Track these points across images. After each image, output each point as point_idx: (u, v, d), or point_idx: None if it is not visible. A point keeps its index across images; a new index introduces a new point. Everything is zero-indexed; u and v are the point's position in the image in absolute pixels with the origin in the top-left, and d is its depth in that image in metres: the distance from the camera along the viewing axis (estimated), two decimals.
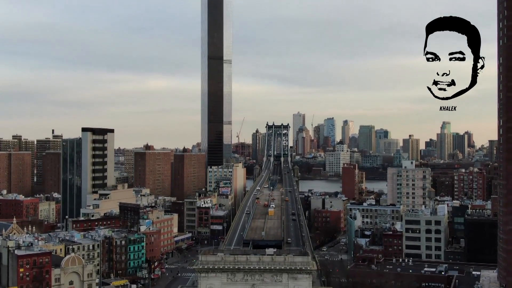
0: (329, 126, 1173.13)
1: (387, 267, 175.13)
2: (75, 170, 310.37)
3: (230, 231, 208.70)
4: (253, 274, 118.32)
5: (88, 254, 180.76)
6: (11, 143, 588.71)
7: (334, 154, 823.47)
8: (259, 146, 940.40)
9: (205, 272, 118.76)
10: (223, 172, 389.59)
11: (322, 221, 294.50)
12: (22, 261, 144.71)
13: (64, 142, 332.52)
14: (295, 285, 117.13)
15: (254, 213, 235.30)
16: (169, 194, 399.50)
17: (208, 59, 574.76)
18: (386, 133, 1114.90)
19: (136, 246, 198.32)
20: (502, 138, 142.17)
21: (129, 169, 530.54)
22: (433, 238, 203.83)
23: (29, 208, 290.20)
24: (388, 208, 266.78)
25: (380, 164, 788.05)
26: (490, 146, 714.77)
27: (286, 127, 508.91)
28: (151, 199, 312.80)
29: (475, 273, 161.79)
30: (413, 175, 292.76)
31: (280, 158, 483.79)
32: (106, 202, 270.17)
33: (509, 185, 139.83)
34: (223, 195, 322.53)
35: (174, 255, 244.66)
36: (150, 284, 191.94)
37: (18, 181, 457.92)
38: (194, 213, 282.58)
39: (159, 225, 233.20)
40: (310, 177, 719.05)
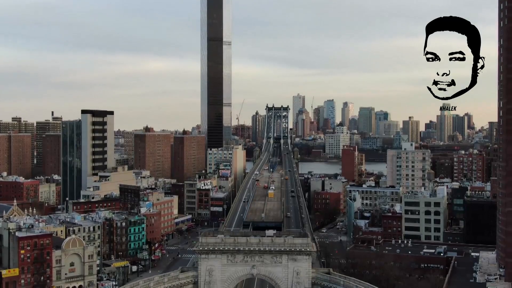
0: (329, 108, 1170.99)
1: (386, 249, 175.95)
2: (75, 152, 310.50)
3: (230, 213, 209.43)
4: (253, 255, 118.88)
5: (89, 236, 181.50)
6: (11, 125, 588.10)
7: (333, 136, 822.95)
8: (259, 128, 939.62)
9: (205, 253, 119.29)
10: (223, 154, 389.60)
11: (321, 203, 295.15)
12: (23, 243, 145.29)
13: (64, 124, 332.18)
14: (294, 266, 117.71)
15: (254, 195, 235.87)
16: (169, 176, 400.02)
17: (208, 41, 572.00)
18: (386, 115, 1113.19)
19: (136, 227, 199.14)
20: (502, 120, 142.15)
21: (129, 151, 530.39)
22: (432, 219, 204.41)
23: (30, 190, 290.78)
24: (387, 190, 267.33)
25: (379, 146, 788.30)
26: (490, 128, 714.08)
27: (286, 109, 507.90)
28: (151, 181, 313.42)
29: (474, 254, 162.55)
30: (412, 157, 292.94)
31: (280, 140, 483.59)
32: (106, 184, 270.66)
33: (509, 167, 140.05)
34: (223, 177, 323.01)
35: (174, 237, 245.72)
36: (150, 265, 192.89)
37: (18, 163, 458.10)
38: (194, 195, 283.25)
39: (159, 207, 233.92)
40: (309, 159, 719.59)
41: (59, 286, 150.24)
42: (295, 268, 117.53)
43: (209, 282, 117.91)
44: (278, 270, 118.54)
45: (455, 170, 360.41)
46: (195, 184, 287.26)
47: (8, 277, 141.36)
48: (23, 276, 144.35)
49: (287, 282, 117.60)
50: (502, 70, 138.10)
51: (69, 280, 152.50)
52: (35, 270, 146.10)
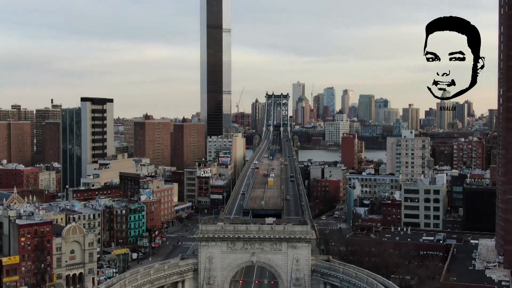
0: (329, 95, 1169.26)
1: (385, 236, 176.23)
2: (75, 140, 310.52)
3: (230, 201, 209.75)
4: (253, 243, 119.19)
5: (89, 224, 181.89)
6: (10, 112, 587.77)
7: (333, 124, 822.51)
8: (258, 116, 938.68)
9: (205, 241, 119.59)
10: (222, 142, 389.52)
11: (321, 190, 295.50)
12: (23, 230, 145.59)
13: (64, 112, 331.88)
14: (294, 254, 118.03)
15: (254, 182, 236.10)
16: (169, 164, 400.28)
17: (207, 28, 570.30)
18: (386, 103, 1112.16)
19: (136, 215, 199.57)
20: (502, 107, 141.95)
21: (128, 139, 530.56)
22: (431, 207, 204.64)
23: (30, 178, 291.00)
24: (387, 178, 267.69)
25: (379, 134, 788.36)
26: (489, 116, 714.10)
27: (286, 96, 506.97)
28: (151, 169, 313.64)
29: (473, 241, 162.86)
30: (412, 144, 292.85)
31: (279, 128, 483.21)
32: (106, 172, 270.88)
33: (508, 154, 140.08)
34: (223, 165, 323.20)
35: (174, 224, 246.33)
36: (150, 252, 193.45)
37: (18, 150, 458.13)
38: (194, 183, 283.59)
39: (159, 195, 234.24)
40: (309, 147, 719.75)
41: (59, 274, 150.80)
42: (294, 256, 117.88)
43: (209, 270, 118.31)
44: (278, 257, 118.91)
45: (454, 158, 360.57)
46: (195, 171, 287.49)
47: (9, 265, 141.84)
48: (24, 263, 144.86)
49: (287, 269, 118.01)
50: (502, 58, 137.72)
51: (69, 268, 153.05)
52: (35, 257, 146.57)
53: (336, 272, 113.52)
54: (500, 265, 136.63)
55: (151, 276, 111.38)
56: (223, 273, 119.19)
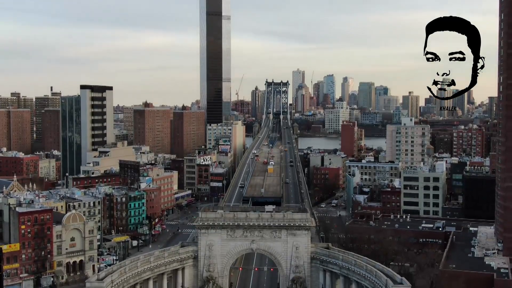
0: (329, 83, 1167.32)
1: (385, 223, 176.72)
2: (75, 128, 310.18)
3: (230, 188, 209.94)
4: (253, 230, 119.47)
5: (89, 211, 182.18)
6: (10, 100, 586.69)
7: (333, 112, 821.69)
8: (258, 103, 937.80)
9: (205, 228, 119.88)
10: (222, 130, 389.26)
11: (321, 178, 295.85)
12: (23, 218, 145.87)
13: (63, 100, 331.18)
14: (294, 241, 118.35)
15: (254, 170, 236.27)
16: (169, 152, 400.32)
17: (207, 15, 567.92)
18: (385, 90, 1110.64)
19: (136, 203, 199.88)
20: (502, 95, 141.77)
21: (128, 126, 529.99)
22: (431, 194, 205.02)
23: (29, 166, 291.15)
24: (386, 165, 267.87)
25: (379, 121, 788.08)
26: (489, 103, 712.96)
27: (286, 84, 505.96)
28: (150, 157, 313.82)
29: (473, 229, 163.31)
30: (412, 132, 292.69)
31: (279, 115, 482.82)
32: (106, 160, 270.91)
33: (508, 142, 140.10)
34: (223, 152, 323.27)
35: (174, 212, 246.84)
36: (150, 240, 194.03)
37: (17, 138, 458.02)
38: (194, 171, 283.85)
39: (159, 182, 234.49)
40: (309, 135, 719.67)
41: (60, 261, 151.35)
42: (294, 243, 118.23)
43: (209, 257, 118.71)
44: (278, 245, 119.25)
45: (454, 145, 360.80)
46: (195, 159, 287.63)
47: (9, 252, 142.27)
48: (24, 251, 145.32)
49: (286, 256, 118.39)
50: (503, 45, 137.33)
51: (69, 255, 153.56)
52: (35, 245, 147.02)
53: (335, 259, 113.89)
54: (499, 253, 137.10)
55: (151, 263, 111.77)
56: (223, 261, 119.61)
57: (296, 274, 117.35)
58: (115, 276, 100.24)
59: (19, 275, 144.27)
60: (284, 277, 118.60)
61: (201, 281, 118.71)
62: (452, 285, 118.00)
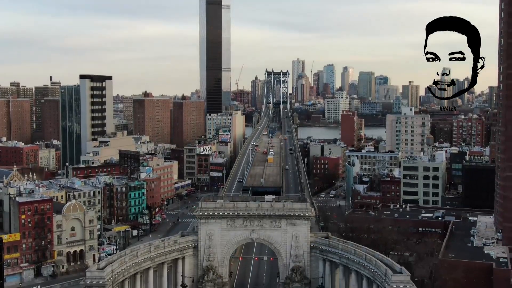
0: (329, 72, 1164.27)
1: (384, 213, 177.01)
2: (74, 118, 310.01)
3: (230, 178, 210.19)
4: (252, 220, 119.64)
5: (89, 201, 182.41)
6: (9, 90, 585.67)
7: (333, 101, 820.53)
8: (258, 93, 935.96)
9: (205, 218, 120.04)
10: (222, 120, 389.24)
11: (320, 168, 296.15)
12: (23, 208, 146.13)
13: (63, 90, 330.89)
14: (293, 231, 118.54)
15: (253, 160, 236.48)
16: (169, 142, 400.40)
17: (206, 4, 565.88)
18: (386, 80, 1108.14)
19: (136, 192, 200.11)
20: (502, 84, 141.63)
21: (128, 116, 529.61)
22: (430, 184, 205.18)
23: (29, 156, 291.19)
24: (386, 155, 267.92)
25: (379, 111, 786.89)
26: (489, 93, 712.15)
27: (286, 74, 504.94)
28: (150, 147, 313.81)
29: (472, 218, 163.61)
30: (412, 121, 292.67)
31: (279, 105, 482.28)
32: (106, 150, 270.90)
33: (508, 131, 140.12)
34: (223, 142, 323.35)
35: (174, 202, 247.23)
36: (151, 229, 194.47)
37: (17, 128, 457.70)
38: (194, 160, 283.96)
39: (159, 172, 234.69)
40: (309, 124, 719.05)
41: (60, 251, 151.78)
42: (294, 233, 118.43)
43: (209, 246, 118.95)
44: (277, 234, 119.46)
45: (454, 135, 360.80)
46: (195, 149, 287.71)
47: (10, 242, 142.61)
48: (24, 240, 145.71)
49: (286, 246, 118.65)
50: (503, 35, 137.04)
51: (70, 245, 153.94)
52: (36, 234, 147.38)
53: (335, 249, 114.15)
54: (498, 242, 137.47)
55: (152, 253, 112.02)
56: (223, 250, 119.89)
57: (296, 263, 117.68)
58: (115, 266, 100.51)
59: (19, 264, 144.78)
60: (284, 266, 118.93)
61: (201, 271, 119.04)
62: (451, 274, 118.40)
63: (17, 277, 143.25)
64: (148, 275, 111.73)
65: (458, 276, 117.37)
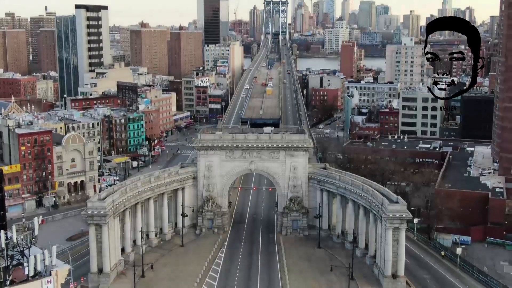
0: (329, 1, 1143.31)
1: (382, 144, 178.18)
2: (71, 49, 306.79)
3: (228, 110, 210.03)
4: (251, 151, 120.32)
5: (88, 132, 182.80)
6: (4, 20, 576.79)
7: (333, 31, 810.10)
8: (257, 23, 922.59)
9: (204, 150, 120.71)
10: (220, 51, 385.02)
11: (319, 99, 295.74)
12: (23, 139, 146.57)
13: (58, 20, 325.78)
14: (292, 162, 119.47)
15: (252, 92, 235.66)
16: (166, 73, 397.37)
17: None
18: (386, 9, 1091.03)
19: (135, 124, 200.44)
20: (504, 14, 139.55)
21: (125, 47, 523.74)
22: (429, 115, 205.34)
23: (27, 87, 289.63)
24: (385, 86, 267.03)
25: (379, 41, 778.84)
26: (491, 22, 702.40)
27: (285, 3, 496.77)
28: (148, 78, 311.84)
29: (469, 149, 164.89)
30: (412, 52, 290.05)
31: (278, 36, 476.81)
32: (103, 81, 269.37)
33: (508, 62, 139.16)
34: (221, 74, 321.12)
35: (173, 133, 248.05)
36: (150, 161, 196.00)
37: (14, 59, 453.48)
38: (192, 92, 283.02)
39: (157, 104, 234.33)
40: (308, 55, 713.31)
41: (61, 181, 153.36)
42: (292, 164, 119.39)
43: (208, 177, 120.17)
44: (276, 165, 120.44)
45: (454, 66, 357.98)
46: (193, 81, 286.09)
47: (10, 173, 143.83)
48: (25, 172, 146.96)
49: (284, 177, 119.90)
50: None
51: (70, 176, 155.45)
52: (36, 166, 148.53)
53: (332, 179, 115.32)
54: (494, 172, 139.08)
55: (152, 183, 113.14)
56: (222, 181, 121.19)
57: (294, 193, 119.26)
58: (116, 196, 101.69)
59: (21, 195, 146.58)
60: (282, 196, 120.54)
61: (200, 201, 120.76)
62: (447, 204, 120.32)
63: (19, 207, 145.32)
64: (149, 204, 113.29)
65: (454, 206, 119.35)
